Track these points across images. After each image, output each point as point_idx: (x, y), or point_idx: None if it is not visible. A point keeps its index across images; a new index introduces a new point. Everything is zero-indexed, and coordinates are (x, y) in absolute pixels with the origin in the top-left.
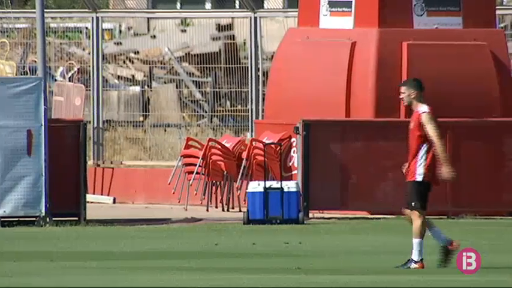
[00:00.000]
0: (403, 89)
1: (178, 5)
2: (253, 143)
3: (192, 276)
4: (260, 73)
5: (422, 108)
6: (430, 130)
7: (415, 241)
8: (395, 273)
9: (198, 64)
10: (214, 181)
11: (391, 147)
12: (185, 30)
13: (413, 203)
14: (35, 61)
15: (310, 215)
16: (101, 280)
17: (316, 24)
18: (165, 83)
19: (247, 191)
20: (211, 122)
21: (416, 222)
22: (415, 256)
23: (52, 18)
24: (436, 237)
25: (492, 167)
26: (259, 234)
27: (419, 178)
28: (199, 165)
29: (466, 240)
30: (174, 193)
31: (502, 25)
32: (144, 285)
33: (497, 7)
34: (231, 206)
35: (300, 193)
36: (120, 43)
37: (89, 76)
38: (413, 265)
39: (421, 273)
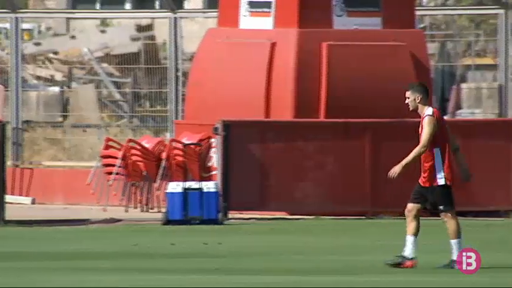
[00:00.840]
0: (408, 93)
1: (98, 6)
2: (173, 143)
3: (111, 276)
4: (180, 73)
5: (427, 111)
6: (424, 133)
7: (454, 242)
8: (325, 274)
9: (117, 65)
10: (133, 182)
11: (311, 147)
12: (105, 31)
13: (442, 207)
14: None
15: (230, 216)
16: (18, 281)
17: (236, 24)
18: (84, 83)
19: (167, 191)
20: (131, 122)
21: (451, 223)
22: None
23: None
24: (407, 246)
25: (411, 167)
26: (178, 235)
27: (441, 182)
28: (119, 166)
29: (383, 241)
30: (93, 194)
31: (421, 26)
32: (62, 285)
33: (416, 8)
34: (150, 206)
35: (219, 193)
36: (40, 43)
37: (8, 76)
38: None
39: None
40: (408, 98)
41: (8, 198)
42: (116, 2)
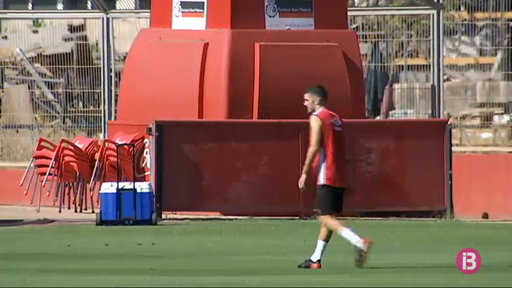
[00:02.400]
0: (306, 95)
1: (30, 6)
2: (106, 144)
3: (43, 277)
4: (113, 74)
5: (315, 112)
6: (312, 133)
7: (320, 242)
8: (259, 274)
9: (50, 65)
10: (67, 182)
11: (243, 147)
12: (37, 31)
13: (316, 207)
14: None
15: (163, 216)
16: None
17: (169, 25)
18: (17, 83)
19: (100, 192)
20: (64, 123)
21: (324, 224)
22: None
23: None
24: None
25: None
26: (112, 235)
27: (321, 182)
28: (52, 167)
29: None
30: (26, 194)
31: (353, 26)
32: None
33: (348, 8)
34: (84, 207)
35: (153, 194)
36: None
37: None
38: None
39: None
40: (307, 100)
41: None
42: (48, 2)
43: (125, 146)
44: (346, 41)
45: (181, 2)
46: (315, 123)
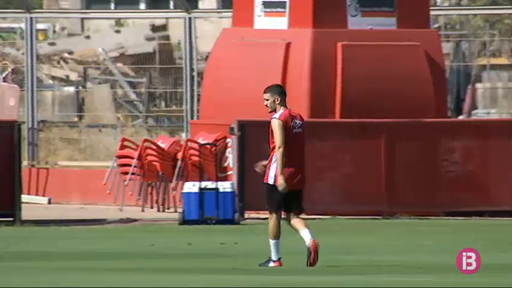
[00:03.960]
0: (267, 95)
1: (112, 6)
2: (188, 143)
3: (128, 276)
4: (195, 73)
5: (276, 114)
6: (275, 136)
7: (271, 242)
8: (342, 273)
9: (132, 65)
10: (149, 182)
11: (326, 147)
12: (119, 31)
13: (266, 205)
14: None
15: (246, 216)
16: (34, 280)
17: (251, 24)
18: (99, 83)
19: (183, 191)
20: (146, 122)
21: (270, 223)
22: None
23: None
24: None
25: (426, 167)
26: (194, 235)
27: (270, 181)
28: (135, 166)
29: (399, 241)
30: (109, 194)
31: (436, 26)
32: (79, 285)
33: (431, 8)
34: (166, 206)
35: (235, 193)
36: (55, 43)
37: (23, 76)
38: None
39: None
40: (267, 100)
41: (25, 198)
42: (130, 2)
43: (207, 146)
44: (429, 40)
45: (263, 1)
46: (276, 125)
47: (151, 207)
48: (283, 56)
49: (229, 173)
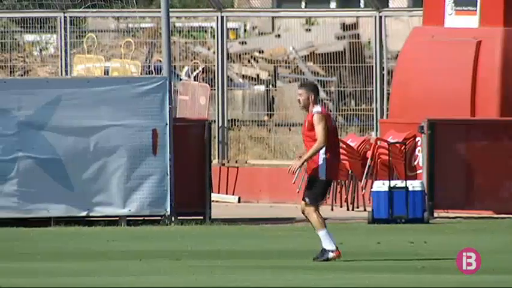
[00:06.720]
0: (301, 91)
1: (303, 5)
2: (378, 142)
3: (315, 275)
4: (385, 72)
5: (316, 109)
6: (318, 130)
7: (320, 233)
8: None
9: (322, 63)
10: (339, 180)
11: None
12: (310, 30)
13: (307, 199)
14: (160, 60)
15: (435, 215)
16: (224, 280)
17: (441, 23)
18: (289, 82)
19: (372, 190)
20: (336, 121)
21: (312, 216)
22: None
23: (177, 17)
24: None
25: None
26: (384, 234)
27: (323, 177)
28: None
29: None
30: (298, 192)
31: None
32: (265, 285)
33: None
34: (355, 205)
35: (424, 192)
36: (245, 42)
37: (214, 75)
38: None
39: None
40: (301, 95)
41: (214, 196)
42: (321, 1)
43: (397, 145)
44: None
45: (454, 0)
46: (321, 120)
47: (341, 206)
48: (474, 55)
49: (418, 172)
